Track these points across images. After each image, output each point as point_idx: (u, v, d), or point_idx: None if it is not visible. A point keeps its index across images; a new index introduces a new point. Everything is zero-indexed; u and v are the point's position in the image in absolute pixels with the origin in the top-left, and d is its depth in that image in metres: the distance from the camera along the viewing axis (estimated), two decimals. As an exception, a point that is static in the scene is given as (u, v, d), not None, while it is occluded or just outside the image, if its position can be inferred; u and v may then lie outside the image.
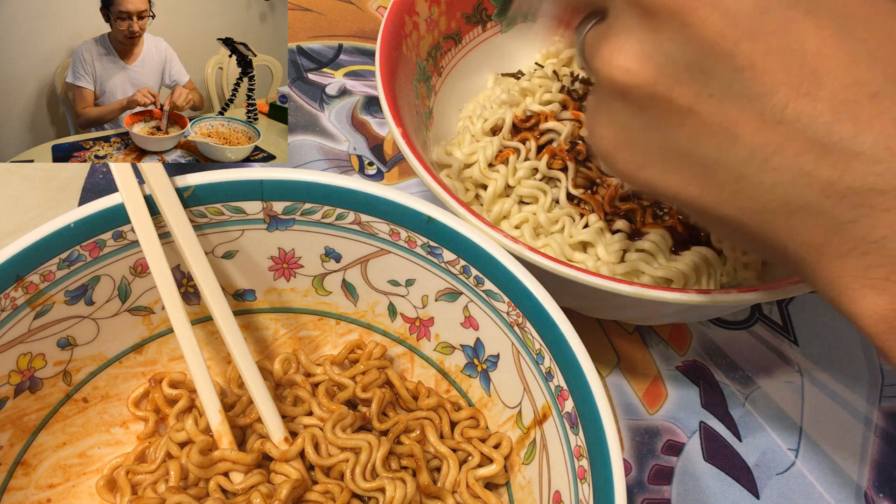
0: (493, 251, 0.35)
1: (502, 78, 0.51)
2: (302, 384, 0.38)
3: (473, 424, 0.37)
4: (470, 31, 0.50)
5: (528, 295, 0.34)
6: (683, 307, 0.36)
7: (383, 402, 0.37)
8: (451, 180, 0.44)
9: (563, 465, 0.32)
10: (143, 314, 0.38)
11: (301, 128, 0.55)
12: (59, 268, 0.34)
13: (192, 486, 0.34)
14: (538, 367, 0.34)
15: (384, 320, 0.40)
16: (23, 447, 0.35)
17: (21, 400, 0.34)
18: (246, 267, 0.39)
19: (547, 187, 0.43)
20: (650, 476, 0.41)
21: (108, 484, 0.35)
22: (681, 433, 0.43)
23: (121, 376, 0.38)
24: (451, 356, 0.39)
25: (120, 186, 0.35)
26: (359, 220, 0.37)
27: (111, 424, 0.38)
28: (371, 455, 0.34)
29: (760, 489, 0.41)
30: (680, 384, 0.45)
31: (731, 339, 0.47)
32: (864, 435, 0.43)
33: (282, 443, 0.34)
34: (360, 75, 0.59)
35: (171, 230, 0.35)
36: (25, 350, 0.34)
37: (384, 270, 0.38)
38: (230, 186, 0.36)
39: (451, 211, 0.36)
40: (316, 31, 0.62)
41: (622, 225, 0.41)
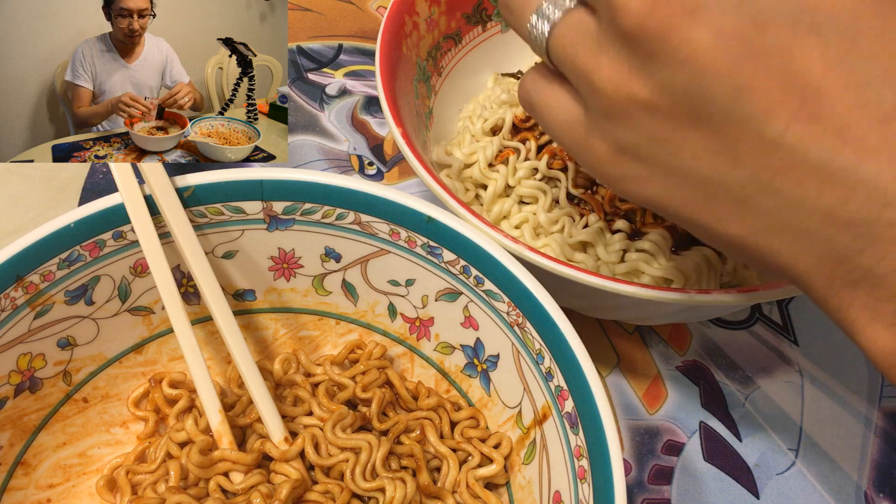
0: (493, 251, 0.35)
1: (502, 78, 0.51)
2: (302, 384, 0.38)
3: (473, 424, 0.37)
4: (470, 31, 0.50)
5: (528, 295, 0.34)
6: (683, 307, 0.36)
7: (383, 402, 0.37)
8: (451, 180, 0.44)
9: (563, 465, 0.32)
10: (143, 314, 0.38)
11: (301, 128, 0.55)
12: (59, 268, 0.34)
13: (192, 486, 0.34)
14: (538, 367, 0.34)
15: (384, 320, 0.40)
16: (23, 447, 0.35)
17: (21, 400, 0.34)
18: (246, 267, 0.39)
19: (547, 187, 0.43)
20: (650, 476, 0.41)
21: (108, 484, 0.35)
22: (681, 433, 0.43)
23: (121, 376, 0.38)
24: (451, 356, 0.39)
25: (120, 186, 0.35)
26: (359, 220, 0.37)
27: (111, 424, 0.38)
28: (371, 455, 0.34)
29: (760, 489, 0.41)
30: (680, 384, 0.45)
31: (731, 339, 0.47)
32: (864, 435, 0.43)
33: (282, 443, 0.34)
34: (360, 75, 0.59)
35: (171, 230, 0.35)
36: (25, 350, 0.34)
37: (384, 270, 0.38)
38: (230, 186, 0.36)
39: (451, 211, 0.36)
40: (316, 31, 0.62)
41: (622, 225, 0.41)
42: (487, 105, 0.48)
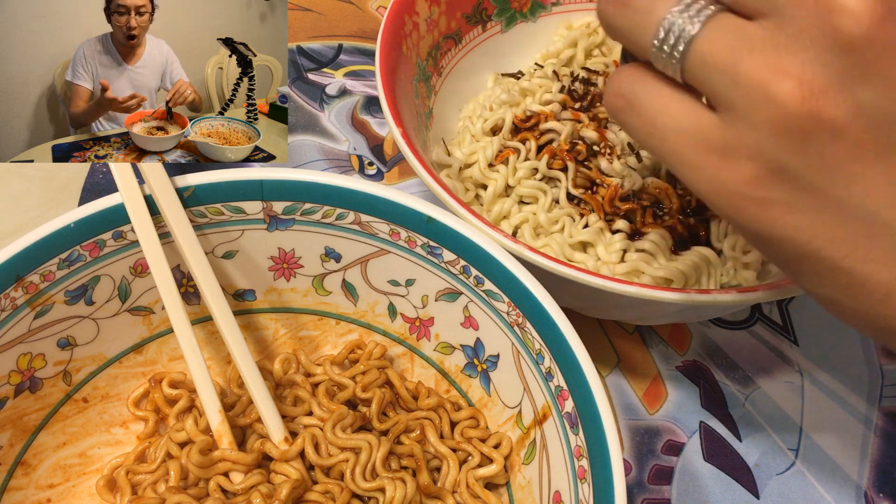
0: (493, 251, 0.35)
1: (502, 78, 0.51)
2: (302, 384, 0.38)
3: (473, 424, 0.37)
4: (470, 31, 0.50)
5: (528, 295, 0.34)
6: (683, 307, 0.36)
7: (383, 402, 0.37)
8: (451, 180, 0.44)
9: (563, 465, 0.32)
10: (143, 314, 0.38)
11: (301, 128, 0.55)
12: (59, 268, 0.34)
13: (192, 486, 0.34)
14: (538, 367, 0.34)
15: (384, 320, 0.40)
16: (23, 447, 0.35)
17: (21, 400, 0.34)
18: (246, 267, 0.39)
19: (547, 187, 0.43)
20: (650, 476, 0.41)
21: (108, 484, 0.35)
22: (681, 433, 0.43)
23: (121, 376, 0.38)
24: (451, 356, 0.39)
25: (120, 186, 0.35)
26: (359, 220, 0.37)
27: (111, 424, 0.38)
28: (371, 455, 0.34)
29: (760, 489, 0.41)
30: (680, 384, 0.45)
31: (731, 339, 0.47)
32: (864, 435, 0.43)
33: (282, 443, 0.34)
34: (360, 75, 0.59)
35: (171, 230, 0.35)
36: (25, 350, 0.34)
37: (384, 270, 0.38)
38: (230, 186, 0.36)
39: (451, 211, 0.36)
40: (316, 31, 0.62)
41: (622, 225, 0.41)
42: (487, 105, 0.48)
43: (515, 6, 0.51)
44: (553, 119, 0.45)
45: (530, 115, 0.45)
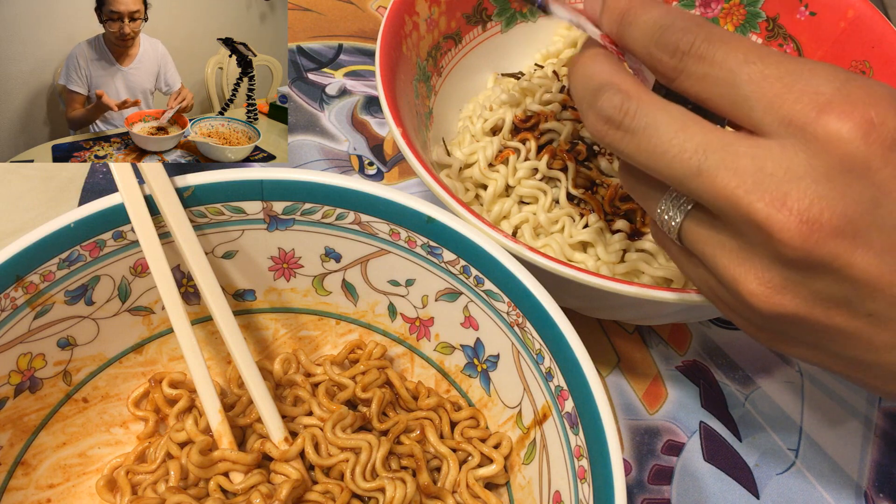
0: (493, 251, 0.35)
1: (502, 78, 0.51)
2: (302, 384, 0.38)
3: (473, 424, 0.37)
4: (470, 31, 0.50)
5: (528, 295, 0.34)
6: (683, 307, 0.36)
7: (383, 402, 0.37)
8: (451, 180, 0.44)
9: (563, 465, 0.32)
10: (143, 314, 0.38)
11: (301, 128, 0.55)
12: (59, 268, 0.34)
13: (192, 486, 0.34)
14: (538, 367, 0.34)
15: (384, 320, 0.40)
16: (23, 447, 0.35)
17: (21, 400, 0.34)
18: (246, 267, 0.39)
19: (547, 187, 0.43)
20: (650, 476, 0.41)
21: (108, 484, 0.35)
22: (681, 433, 0.43)
23: (121, 376, 0.38)
24: (451, 356, 0.39)
25: (120, 186, 0.35)
26: (359, 220, 0.37)
27: (111, 424, 0.38)
28: (371, 455, 0.34)
29: (760, 489, 0.41)
30: (680, 384, 0.45)
31: (731, 339, 0.47)
32: (864, 435, 0.43)
33: (282, 443, 0.34)
34: (360, 75, 0.59)
35: (171, 230, 0.35)
36: (25, 350, 0.34)
37: (384, 270, 0.38)
38: (230, 186, 0.36)
39: (451, 211, 0.36)
40: (316, 31, 0.62)
41: (622, 225, 0.41)
42: (487, 105, 0.48)
43: (515, 6, 0.51)
44: (553, 119, 0.45)
45: (530, 115, 0.45)
